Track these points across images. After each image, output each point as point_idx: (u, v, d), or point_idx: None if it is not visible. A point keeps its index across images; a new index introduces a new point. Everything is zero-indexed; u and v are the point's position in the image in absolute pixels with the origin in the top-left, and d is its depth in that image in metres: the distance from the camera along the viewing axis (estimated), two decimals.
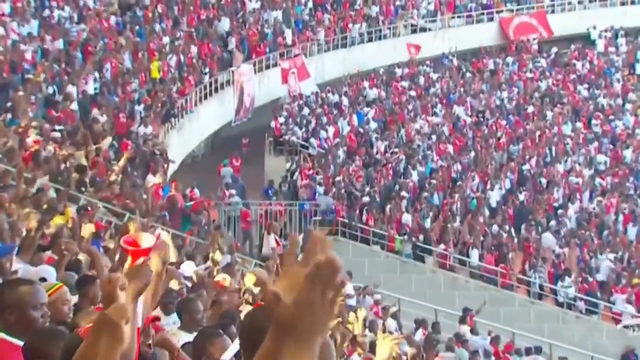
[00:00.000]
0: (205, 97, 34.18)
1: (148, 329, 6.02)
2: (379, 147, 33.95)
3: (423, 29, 45.73)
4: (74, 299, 6.95)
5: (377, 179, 31.02)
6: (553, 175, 34.47)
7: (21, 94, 23.71)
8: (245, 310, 11.91)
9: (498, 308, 26.61)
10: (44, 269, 7.96)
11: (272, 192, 29.63)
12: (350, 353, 12.04)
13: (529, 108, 40.82)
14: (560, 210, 32.04)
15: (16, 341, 4.70)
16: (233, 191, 28.30)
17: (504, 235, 29.22)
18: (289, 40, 39.30)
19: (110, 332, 3.38)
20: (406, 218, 28.39)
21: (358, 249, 27.60)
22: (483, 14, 47.96)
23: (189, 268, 12.88)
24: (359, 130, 35.18)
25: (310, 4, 42.79)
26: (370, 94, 39.29)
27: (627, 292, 27.90)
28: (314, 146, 33.00)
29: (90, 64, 28.38)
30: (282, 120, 34.60)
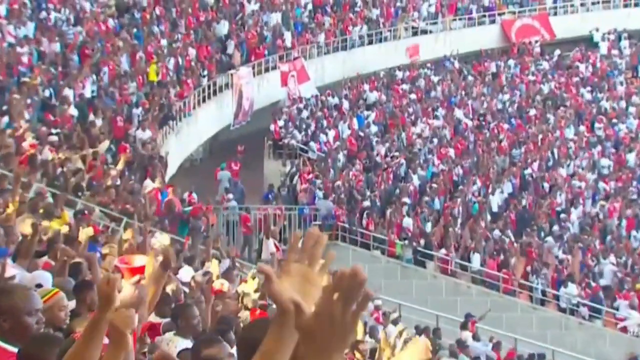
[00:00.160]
0: (204, 101, 34.06)
1: (144, 337, 6.19)
2: (379, 151, 33.73)
3: (424, 32, 45.48)
4: (71, 304, 6.88)
5: (378, 183, 30.94)
6: (556, 179, 34.26)
7: (17, 97, 23.51)
8: (243, 315, 11.71)
9: (500, 314, 26.54)
10: (40, 275, 7.83)
11: (273, 197, 29.40)
12: (351, 359, 11.93)
13: (531, 111, 40.57)
14: (563, 215, 31.80)
15: (11, 348, 4.69)
16: (230, 195, 28.15)
17: (506, 240, 29.00)
18: (288, 43, 39.10)
19: (115, 340, 3.50)
20: (407, 222, 28.31)
21: (358, 254, 27.53)
22: (485, 16, 47.70)
23: (187, 274, 12.73)
24: (359, 134, 35.00)
25: (310, 6, 42.56)
26: (370, 97, 39.08)
27: (630, 298, 27.68)
28: (313, 150, 32.83)
29: (87, 67, 28.16)
30: (282, 123, 34.39)
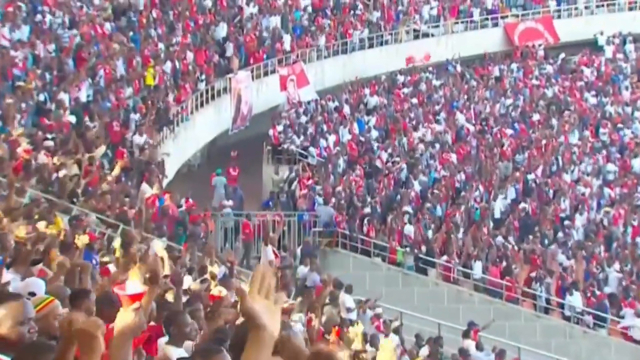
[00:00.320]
0: (202, 105, 33.89)
1: (140, 350, 6.17)
2: (380, 156, 33.29)
3: (426, 35, 45.12)
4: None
5: (379, 189, 30.67)
6: (560, 185, 33.96)
7: (10, 101, 23.18)
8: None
9: (503, 322, 26.33)
10: (33, 282, 7.58)
11: (273, 204, 29.05)
12: None
13: (535, 116, 40.26)
14: (567, 222, 31.45)
15: (4, 357, 4.68)
16: (225, 202, 27.84)
17: (509, 247, 28.61)
18: (287, 47, 38.80)
19: (87, 344, 3.64)
20: (408, 229, 28.08)
21: (359, 261, 27.46)
22: (487, 19, 47.36)
23: (185, 282, 12.40)
24: (360, 139, 34.65)
25: (310, 9, 42.19)
26: (371, 102, 38.71)
27: (636, 306, 27.27)
28: (313, 155, 32.49)
29: (83, 71, 27.77)
30: (281, 128, 34.01)
